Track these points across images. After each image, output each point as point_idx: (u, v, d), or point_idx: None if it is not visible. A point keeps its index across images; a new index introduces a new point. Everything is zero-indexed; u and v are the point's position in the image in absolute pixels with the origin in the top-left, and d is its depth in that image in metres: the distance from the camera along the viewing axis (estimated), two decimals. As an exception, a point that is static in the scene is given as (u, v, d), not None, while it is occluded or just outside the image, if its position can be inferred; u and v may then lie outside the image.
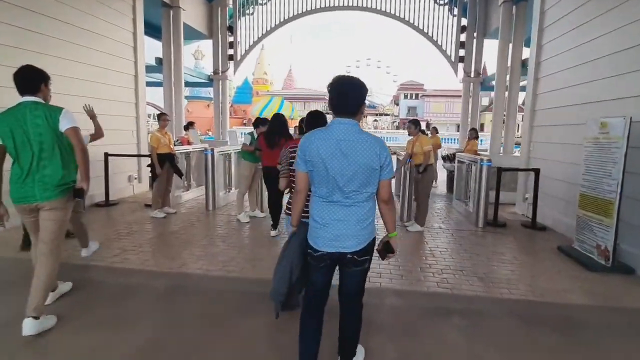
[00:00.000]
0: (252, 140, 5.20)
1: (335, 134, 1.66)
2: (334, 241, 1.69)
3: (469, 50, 10.22)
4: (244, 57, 11.18)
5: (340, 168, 1.64)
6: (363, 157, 1.64)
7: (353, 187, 1.66)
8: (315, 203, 1.76)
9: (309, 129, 2.23)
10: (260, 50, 44.85)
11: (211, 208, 5.88)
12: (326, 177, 1.66)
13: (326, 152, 1.64)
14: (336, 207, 1.69)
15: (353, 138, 1.66)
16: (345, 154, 1.64)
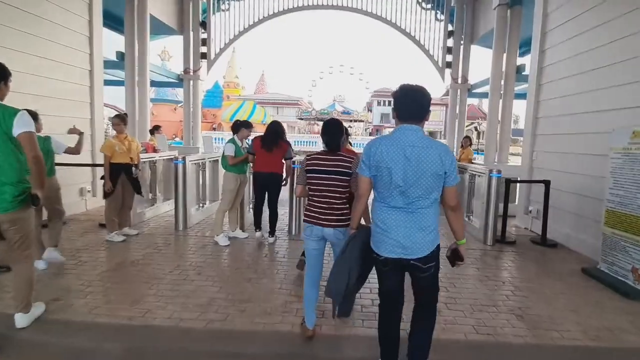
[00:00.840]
0: (237, 148, 4.43)
1: (401, 139, 1.70)
2: (397, 247, 1.71)
3: (456, 56, 10.02)
4: (218, 55, 10.27)
5: (403, 173, 1.66)
6: (427, 163, 1.66)
7: (417, 193, 1.68)
8: (377, 208, 1.79)
9: (331, 137, 2.30)
10: (231, 53, 43.65)
11: (182, 227, 4.99)
12: (389, 183, 1.69)
13: (391, 157, 1.68)
14: (399, 213, 1.71)
15: (418, 144, 1.68)
16: (410, 159, 1.66)
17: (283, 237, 4.76)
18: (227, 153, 4.40)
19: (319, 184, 2.26)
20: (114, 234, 4.38)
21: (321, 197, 2.26)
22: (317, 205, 2.27)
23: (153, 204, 5.85)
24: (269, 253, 4.15)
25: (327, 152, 2.31)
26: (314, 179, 2.28)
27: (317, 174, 2.26)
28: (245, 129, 4.57)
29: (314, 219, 2.26)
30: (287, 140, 4.48)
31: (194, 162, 5.42)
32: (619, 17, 3.99)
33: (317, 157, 2.30)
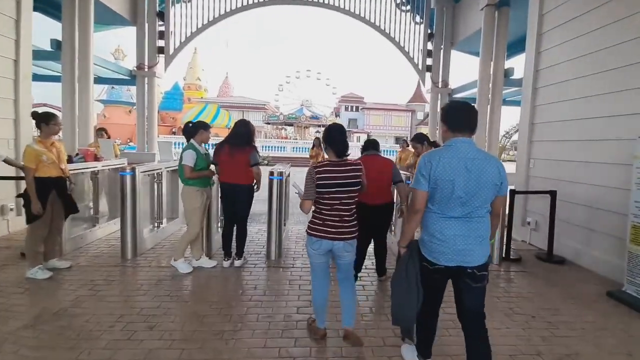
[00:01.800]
0: (199, 156, 3.56)
1: (461, 152, 1.76)
2: (456, 255, 1.75)
3: (436, 60, 9.75)
4: (178, 50, 9.15)
5: (466, 185, 1.72)
6: (487, 174, 1.74)
7: (476, 203, 1.75)
8: (433, 219, 1.81)
9: (342, 143, 2.24)
10: (192, 54, 41.64)
11: (130, 256, 3.98)
12: (451, 195, 1.74)
13: (454, 170, 1.72)
14: (457, 223, 1.76)
15: (476, 156, 1.76)
16: (471, 172, 1.72)
17: (260, 264, 3.93)
18: (186, 163, 3.50)
19: (331, 198, 2.17)
20: (37, 268, 3.32)
21: (332, 210, 2.19)
22: (328, 219, 2.20)
23: (94, 224, 4.75)
24: (245, 289, 3.30)
25: (336, 161, 2.22)
26: (325, 194, 2.17)
27: (329, 188, 2.15)
28: (205, 131, 3.69)
29: (323, 233, 2.20)
30: (252, 144, 3.76)
31: (148, 172, 4.43)
32: (629, 16, 3.70)
33: (328, 169, 2.17)
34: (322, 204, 2.20)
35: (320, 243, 2.21)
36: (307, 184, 2.21)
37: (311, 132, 43.53)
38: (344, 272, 2.37)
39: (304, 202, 2.21)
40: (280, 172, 4.09)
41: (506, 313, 2.97)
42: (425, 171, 1.77)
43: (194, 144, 3.61)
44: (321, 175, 2.15)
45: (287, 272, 3.71)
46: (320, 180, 2.14)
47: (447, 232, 1.76)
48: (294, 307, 2.93)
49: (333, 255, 2.29)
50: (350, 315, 2.36)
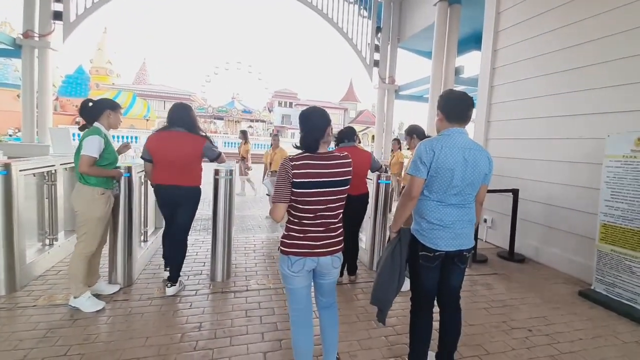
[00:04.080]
0: (108, 146, 2.54)
1: (459, 142, 1.80)
2: (455, 240, 1.81)
3: (383, 55, 9.55)
4: (82, 17, 7.23)
5: (463, 174, 1.77)
6: (481, 165, 1.81)
7: (469, 192, 1.82)
8: (430, 207, 1.83)
9: (317, 131, 1.72)
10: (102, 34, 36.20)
11: (4, 291, 2.72)
12: (449, 183, 1.77)
13: (454, 160, 1.76)
14: (453, 209, 1.82)
15: (472, 146, 1.82)
16: (467, 161, 1.78)
17: (203, 290, 3.03)
18: (86, 152, 2.45)
19: (313, 202, 1.67)
20: None
21: (315, 218, 1.70)
22: (310, 230, 1.71)
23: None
24: (184, 330, 2.40)
25: (316, 154, 1.71)
26: (305, 196, 1.66)
27: (310, 188, 1.65)
28: (112, 112, 2.64)
29: (307, 249, 1.71)
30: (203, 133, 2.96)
31: (32, 171, 3.13)
32: (586, 19, 3.75)
33: (307, 163, 1.66)
34: (302, 210, 1.68)
35: (302, 262, 1.71)
36: (279, 183, 1.67)
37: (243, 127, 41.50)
38: (327, 295, 1.89)
39: (276, 207, 1.67)
40: (230, 171, 3.24)
41: (503, 329, 2.64)
42: (426, 159, 1.77)
43: (99, 128, 2.56)
44: (299, 171, 1.64)
45: (240, 299, 2.90)
46: (298, 178, 1.64)
47: (446, 219, 1.80)
48: (258, 352, 2.17)
49: (314, 274, 1.81)
50: (334, 348, 1.93)
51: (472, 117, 1.94)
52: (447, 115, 1.86)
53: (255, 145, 26.29)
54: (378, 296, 1.94)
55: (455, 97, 1.88)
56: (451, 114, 1.86)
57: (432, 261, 1.85)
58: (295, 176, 1.63)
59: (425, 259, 1.85)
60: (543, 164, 4.28)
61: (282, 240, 1.74)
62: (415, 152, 1.84)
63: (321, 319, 1.93)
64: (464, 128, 1.86)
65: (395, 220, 1.91)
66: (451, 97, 1.89)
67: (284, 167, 1.65)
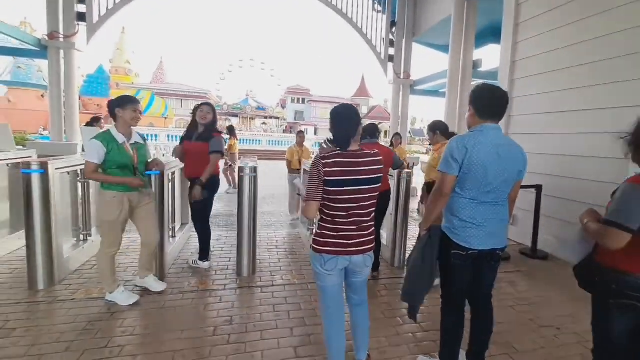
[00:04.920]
0: (114, 150, 2.51)
1: (492, 139, 1.74)
2: (489, 239, 1.78)
3: (398, 50, 9.42)
4: (105, 18, 7.44)
5: (497, 171, 1.72)
6: (515, 161, 1.78)
7: (503, 189, 1.78)
8: (462, 204, 1.79)
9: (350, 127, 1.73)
10: (120, 34, 37.05)
11: (43, 285, 2.86)
12: (483, 181, 1.73)
13: (487, 157, 1.71)
14: (486, 207, 1.78)
15: (505, 142, 1.78)
16: (501, 158, 1.73)
17: (230, 285, 3.10)
18: (87, 159, 2.45)
19: (346, 200, 1.68)
20: None
21: (348, 217, 1.71)
22: (343, 229, 1.72)
23: (-13, 241, 3.43)
24: (216, 324, 2.47)
25: (348, 151, 1.71)
26: (338, 195, 1.66)
27: (342, 186, 1.66)
28: (120, 109, 2.53)
29: (340, 247, 1.72)
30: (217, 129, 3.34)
31: (66, 169, 3.26)
32: (618, 7, 3.60)
33: (339, 161, 1.67)
34: (335, 209, 1.69)
35: (335, 261, 1.72)
36: (311, 181, 1.67)
37: (257, 124, 41.79)
38: (359, 292, 1.92)
39: (309, 205, 1.69)
40: (254, 168, 3.28)
41: (531, 327, 2.61)
42: (458, 155, 1.72)
43: (106, 132, 2.52)
44: (331, 169, 1.64)
45: (267, 294, 2.95)
46: (330, 176, 1.64)
47: (479, 217, 1.76)
48: (289, 347, 2.21)
49: (346, 272, 1.83)
50: (365, 345, 1.97)
51: (505, 112, 1.83)
52: (480, 110, 1.80)
53: (269, 142, 26.62)
54: (409, 293, 1.94)
55: (488, 91, 1.80)
56: (484, 109, 1.79)
57: (464, 260, 1.81)
58: (327, 174, 1.63)
59: (457, 258, 1.82)
60: (567, 159, 4.16)
61: (314, 239, 1.75)
62: (446, 149, 1.79)
63: (352, 316, 1.95)
64: (497, 124, 1.79)
65: (426, 217, 1.88)
66: (484, 91, 1.81)
67: (316, 165, 1.65)
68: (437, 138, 3.33)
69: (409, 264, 1.96)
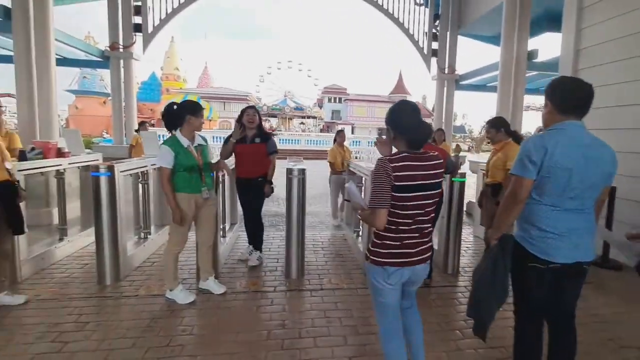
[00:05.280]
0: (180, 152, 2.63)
1: (576, 138, 1.58)
2: (574, 251, 1.60)
3: (442, 44, 9.01)
4: (158, 28, 7.94)
5: (583, 175, 1.54)
6: (604, 163, 1.59)
7: (589, 195, 1.60)
8: (541, 212, 1.62)
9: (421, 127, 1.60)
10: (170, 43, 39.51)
11: (110, 280, 3.06)
12: (566, 185, 1.55)
13: (572, 158, 1.54)
14: (569, 215, 1.59)
15: (592, 142, 1.60)
16: (588, 160, 1.55)
17: (280, 287, 3.11)
18: (160, 164, 2.60)
19: (412, 206, 1.56)
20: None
21: (412, 224, 1.58)
22: (407, 237, 1.59)
23: (61, 238, 3.76)
24: (269, 328, 2.48)
25: (414, 153, 1.59)
26: (405, 201, 1.54)
27: (411, 192, 1.54)
28: (193, 116, 2.65)
29: (404, 258, 1.59)
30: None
31: (129, 171, 3.48)
32: None
33: (408, 164, 1.54)
34: (401, 216, 1.56)
35: (401, 273, 1.61)
36: (378, 185, 1.53)
37: (295, 124, 42.38)
38: (410, 298, 1.82)
39: (379, 213, 1.53)
40: (302, 170, 3.27)
41: (611, 348, 2.32)
42: (536, 157, 1.54)
43: (172, 138, 2.65)
44: (400, 172, 1.51)
45: (316, 298, 2.92)
46: (400, 181, 1.51)
47: (562, 226, 1.58)
48: (344, 357, 2.14)
49: (404, 282, 1.68)
50: (422, 348, 1.82)
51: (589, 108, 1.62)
52: (561, 105, 1.61)
53: (307, 142, 26.95)
54: (477, 309, 1.76)
55: (570, 84, 1.63)
56: (566, 104, 1.61)
57: (543, 274, 1.62)
58: (396, 179, 1.50)
59: (535, 272, 1.63)
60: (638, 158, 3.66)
61: (373, 250, 1.60)
62: (521, 149, 1.61)
63: (407, 320, 1.81)
64: (581, 121, 1.61)
65: (497, 226, 1.70)
66: (566, 84, 1.64)
67: (383, 168, 1.51)
68: (500, 136, 3.07)
69: (475, 276, 1.79)
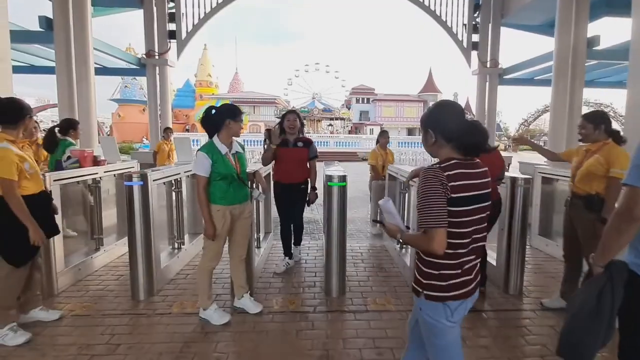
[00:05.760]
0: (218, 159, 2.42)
1: None
2: None
3: (484, 35, 8.38)
4: (191, 34, 8.02)
5: None
6: None
7: None
8: None
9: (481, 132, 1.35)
10: (202, 50, 40.92)
11: (143, 295, 2.93)
12: None
13: None
14: None
15: None
16: None
17: (320, 307, 2.82)
18: (196, 171, 2.40)
19: (470, 222, 1.28)
20: (8, 329, 2.27)
21: (469, 243, 1.29)
22: (466, 262, 1.29)
23: (97, 248, 3.72)
24: (312, 356, 2.19)
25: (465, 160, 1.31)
26: (464, 215, 1.26)
27: (469, 204, 1.26)
28: (233, 121, 2.46)
29: (467, 287, 1.31)
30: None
31: (163, 180, 3.36)
32: None
33: (461, 171, 1.27)
34: (457, 235, 1.28)
35: (465, 307, 1.35)
36: (432, 199, 1.24)
37: (323, 126, 42.21)
38: None
39: (436, 234, 1.23)
40: (343, 176, 2.98)
41: None
42: None
43: (210, 144, 2.45)
44: (455, 183, 1.25)
45: (362, 322, 2.59)
46: (457, 192, 1.25)
47: None
48: (402, 400, 1.81)
49: None
50: None
51: None
52: None
53: (336, 144, 26.71)
54: (573, 348, 1.43)
55: None
56: None
57: None
58: (453, 190, 1.23)
59: None
60: None
61: (428, 283, 1.31)
62: (637, 153, 1.27)
63: None
64: None
65: (605, 249, 1.37)
66: None
67: (437, 177, 1.25)
68: (598, 134, 2.48)
69: (570, 307, 1.45)
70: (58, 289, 3.01)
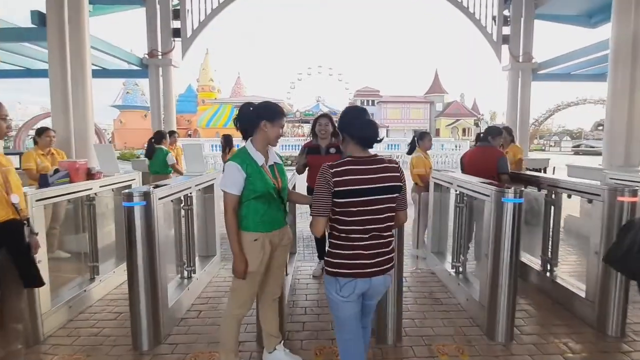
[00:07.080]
0: (253, 171, 1.81)
1: None
2: None
3: (516, 28, 7.76)
4: (197, 31, 7.45)
5: None
6: None
7: None
8: None
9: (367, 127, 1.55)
10: (204, 55, 40.71)
11: (147, 346, 2.30)
12: None
13: None
14: None
15: None
16: None
17: (377, 359, 2.18)
18: (223, 188, 1.80)
19: (359, 212, 1.49)
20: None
21: (364, 232, 1.51)
22: (360, 246, 1.51)
23: (93, 277, 3.10)
24: None
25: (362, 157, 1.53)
26: (349, 206, 1.49)
27: (354, 197, 1.48)
28: (269, 123, 1.85)
29: (358, 269, 1.51)
30: None
31: (170, 197, 2.73)
32: None
33: (348, 168, 1.50)
34: (348, 223, 1.49)
35: (354, 285, 1.50)
36: (318, 192, 1.49)
37: (329, 129, 41.52)
38: (368, 315, 1.70)
39: (316, 221, 1.51)
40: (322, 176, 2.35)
41: None
42: None
43: (243, 152, 1.87)
44: (340, 178, 1.46)
45: None
46: (340, 186, 1.45)
47: None
48: None
49: (363, 295, 1.57)
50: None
51: None
52: None
53: (344, 147, 26.16)
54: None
55: None
56: None
57: None
58: (336, 184, 1.46)
59: None
60: None
61: (327, 260, 1.55)
62: None
63: None
64: None
65: None
66: None
67: (323, 175, 1.49)
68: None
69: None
70: (44, 334, 2.40)
